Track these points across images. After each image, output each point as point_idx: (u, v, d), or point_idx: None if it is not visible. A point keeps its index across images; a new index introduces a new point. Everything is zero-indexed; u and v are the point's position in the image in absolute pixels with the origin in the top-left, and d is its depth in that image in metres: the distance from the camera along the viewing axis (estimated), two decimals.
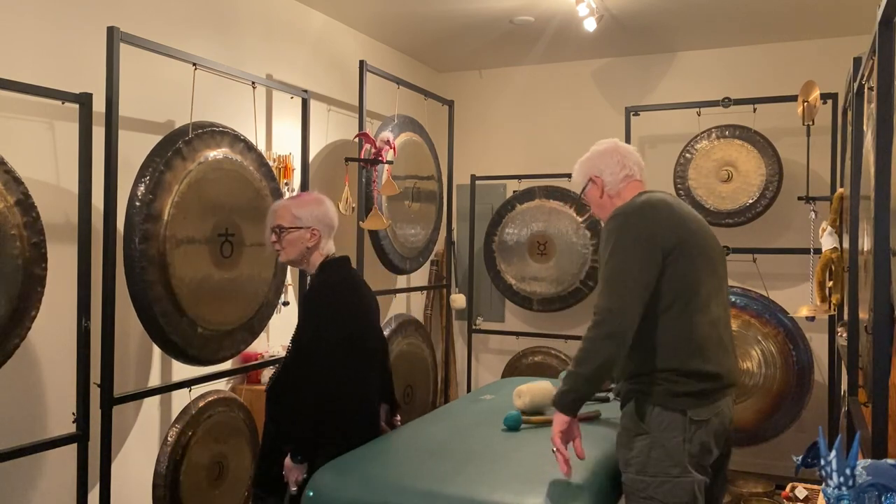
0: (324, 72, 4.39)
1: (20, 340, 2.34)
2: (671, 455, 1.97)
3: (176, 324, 2.81)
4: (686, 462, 1.97)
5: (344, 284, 2.52)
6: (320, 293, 2.48)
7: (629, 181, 2.29)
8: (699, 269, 2.07)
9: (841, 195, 3.38)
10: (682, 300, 2.03)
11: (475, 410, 2.83)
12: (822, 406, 4.36)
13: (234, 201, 3.07)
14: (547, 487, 1.97)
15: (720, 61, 4.95)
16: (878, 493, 1.30)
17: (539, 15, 4.32)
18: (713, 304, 2.08)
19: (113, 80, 2.57)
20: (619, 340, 1.97)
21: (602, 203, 2.31)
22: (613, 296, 1.98)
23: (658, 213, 2.09)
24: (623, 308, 1.97)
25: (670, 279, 2.02)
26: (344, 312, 2.44)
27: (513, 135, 5.58)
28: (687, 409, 1.99)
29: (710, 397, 2.02)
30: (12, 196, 2.29)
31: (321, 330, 2.38)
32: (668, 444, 1.98)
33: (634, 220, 2.07)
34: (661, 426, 2.00)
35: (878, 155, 1.85)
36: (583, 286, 4.93)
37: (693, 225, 2.13)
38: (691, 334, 2.02)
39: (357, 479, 2.10)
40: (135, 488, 3.19)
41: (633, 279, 1.99)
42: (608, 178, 2.29)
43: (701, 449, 1.99)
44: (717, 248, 2.20)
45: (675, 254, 2.03)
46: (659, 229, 2.05)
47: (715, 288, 2.11)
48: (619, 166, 2.29)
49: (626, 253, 2.01)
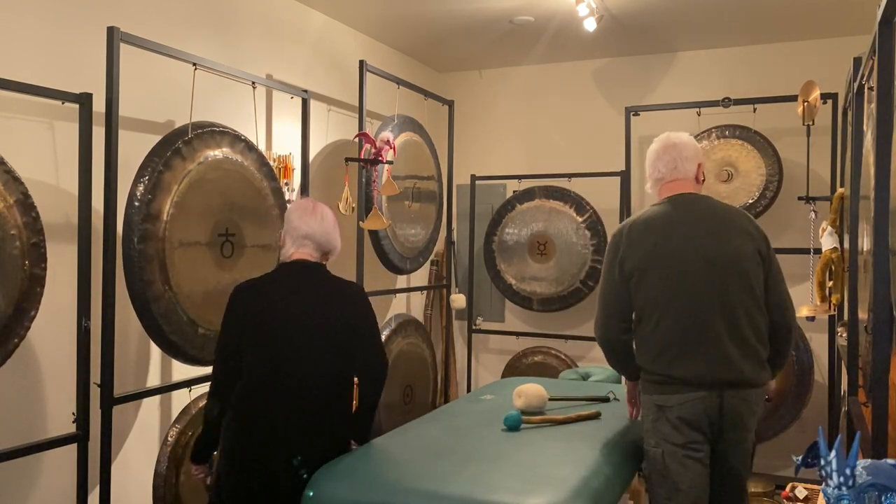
0: (324, 72, 4.39)
1: (20, 340, 2.34)
2: (647, 431, 2.42)
3: (176, 324, 2.81)
4: (656, 437, 2.37)
5: (245, 286, 2.37)
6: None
7: (660, 184, 2.52)
8: (669, 285, 2.34)
9: (841, 195, 3.38)
10: (648, 314, 2.38)
11: (475, 410, 2.83)
12: (822, 406, 4.36)
13: (235, 201, 3.07)
14: (547, 487, 1.97)
15: (720, 61, 4.95)
16: (878, 493, 1.30)
17: (539, 15, 4.32)
18: (689, 314, 2.33)
19: (113, 80, 2.57)
20: (605, 346, 2.49)
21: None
22: (597, 311, 2.49)
23: (630, 239, 2.41)
24: (601, 321, 2.47)
25: (638, 297, 2.39)
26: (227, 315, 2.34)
27: (513, 135, 5.58)
28: (654, 394, 2.38)
29: (674, 389, 2.33)
30: (12, 196, 2.29)
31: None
32: (646, 422, 2.43)
33: (610, 246, 2.47)
34: (644, 409, 2.45)
35: (878, 155, 1.85)
36: (583, 286, 4.93)
37: (676, 240, 2.36)
38: (655, 344, 2.37)
39: (357, 479, 2.10)
40: (135, 488, 3.19)
41: (605, 298, 2.45)
42: (649, 181, 2.57)
43: (671, 428, 2.33)
44: (718, 255, 2.35)
45: (637, 276, 2.38)
46: (625, 255, 2.40)
47: (703, 298, 2.32)
48: (651, 168, 2.53)
49: (604, 275, 2.48)
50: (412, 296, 5.32)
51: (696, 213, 2.42)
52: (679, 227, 2.38)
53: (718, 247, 2.34)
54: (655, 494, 2.38)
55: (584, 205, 4.94)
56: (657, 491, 2.37)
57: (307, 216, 2.39)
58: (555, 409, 2.79)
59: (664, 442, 2.34)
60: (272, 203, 3.29)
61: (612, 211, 4.90)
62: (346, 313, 2.34)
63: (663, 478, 2.34)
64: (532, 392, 2.79)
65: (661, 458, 2.34)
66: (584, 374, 4.20)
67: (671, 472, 2.32)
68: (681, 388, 2.31)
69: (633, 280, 2.37)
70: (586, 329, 5.22)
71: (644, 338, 2.39)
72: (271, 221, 3.29)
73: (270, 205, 3.28)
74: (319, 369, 2.28)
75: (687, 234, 2.37)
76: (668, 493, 2.33)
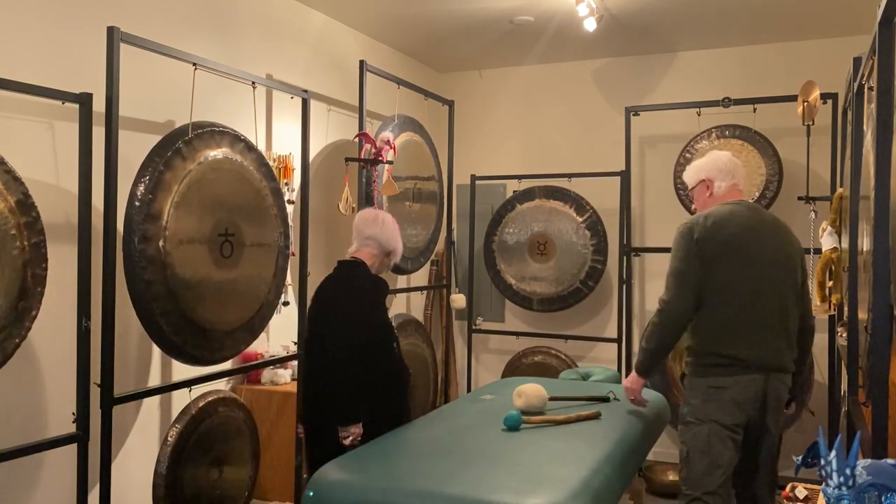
0: (324, 72, 4.39)
1: (20, 340, 2.34)
2: (693, 410, 2.63)
3: (176, 323, 2.81)
4: (703, 416, 2.59)
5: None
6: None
7: (731, 189, 2.82)
8: (736, 275, 2.62)
9: (841, 195, 3.37)
10: (713, 298, 2.62)
11: (475, 410, 2.83)
12: (822, 406, 4.36)
13: (235, 201, 3.07)
14: (547, 487, 1.97)
15: (720, 61, 4.95)
16: (878, 493, 1.30)
17: (539, 15, 4.32)
18: (749, 300, 2.61)
19: (113, 80, 2.57)
20: (672, 320, 2.67)
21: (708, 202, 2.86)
22: (670, 291, 2.68)
23: (707, 229, 2.65)
24: (680, 293, 2.65)
25: (706, 281, 2.63)
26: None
27: (513, 135, 5.58)
28: (707, 377, 2.62)
29: (731, 371, 2.58)
30: (12, 196, 2.29)
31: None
32: (692, 402, 2.64)
33: (683, 234, 2.68)
34: (692, 391, 2.66)
35: (878, 155, 1.85)
36: (583, 286, 4.93)
37: (746, 235, 2.66)
38: (718, 326, 2.62)
39: (357, 479, 2.10)
40: (135, 488, 3.19)
41: (684, 275, 2.64)
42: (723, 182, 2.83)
43: (721, 409, 2.57)
44: (781, 255, 2.71)
45: (710, 262, 2.62)
46: (701, 242, 2.63)
47: (764, 289, 2.64)
48: (727, 174, 2.83)
49: (679, 257, 2.67)
50: (412, 296, 5.32)
51: (760, 217, 2.77)
52: (750, 227, 2.69)
53: (777, 249, 2.71)
54: (693, 470, 2.61)
55: (584, 205, 4.94)
56: (695, 466, 2.60)
57: (370, 222, 2.95)
58: (555, 409, 2.79)
59: (711, 421, 2.58)
60: (271, 203, 3.29)
61: (612, 211, 4.90)
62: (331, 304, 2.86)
63: (704, 454, 2.58)
64: (532, 392, 2.79)
65: (706, 435, 2.58)
66: (584, 374, 4.20)
67: (713, 450, 2.57)
68: (737, 370, 2.59)
69: (705, 266, 2.63)
70: (586, 329, 5.22)
71: (707, 319, 2.64)
72: (270, 221, 3.29)
73: (269, 204, 3.28)
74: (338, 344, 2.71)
75: (756, 234, 2.69)
76: (707, 469, 2.57)
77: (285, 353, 3.71)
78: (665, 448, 4.87)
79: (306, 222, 3.59)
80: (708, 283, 2.63)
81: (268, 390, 3.69)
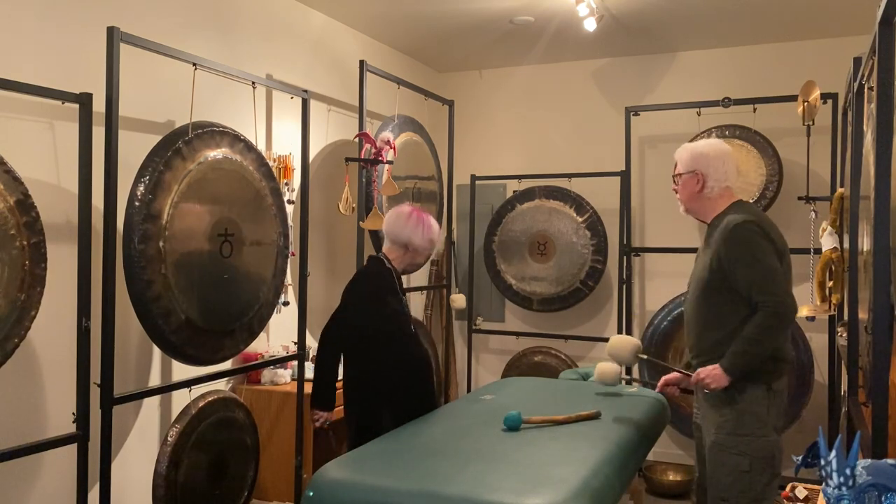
0: (324, 72, 4.39)
1: (20, 340, 2.34)
2: (759, 423, 2.46)
3: (176, 323, 2.81)
4: (767, 426, 2.47)
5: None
6: None
7: (729, 191, 2.65)
8: (789, 275, 2.53)
9: (841, 195, 3.38)
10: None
11: (475, 410, 2.83)
12: (822, 406, 4.36)
13: (234, 201, 3.07)
14: (547, 487, 1.97)
15: (720, 61, 4.95)
16: (878, 493, 1.30)
17: (539, 15, 4.32)
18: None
19: (113, 80, 2.57)
20: (790, 317, 2.44)
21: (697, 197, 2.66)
22: (778, 289, 2.42)
23: (770, 230, 2.52)
24: (788, 293, 2.44)
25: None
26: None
27: (513, 135, 5.58)
28: (769, 381, 2.47)
29: (784, 371, 2.50)
30: (12, 196, 2.29)
31: None
32: (757, 413, 2.45)
33: (757, 235, 2.46)
34: (754, 400, 2.46)
35: (878, 155, 1.85)
36: (583, 286, 4.93)
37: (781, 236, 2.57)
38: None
39: (357, 478, 2.10)
40: (135, 488, 3.19)
41: (781, 275, 2.45)
42: (716, 185, 2.63)
43: (777, 414, 2.49)
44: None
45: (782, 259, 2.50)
46: (775, 242, 2.50)
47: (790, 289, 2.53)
48: (723, 174, 2.62)
49: (767, 258, 2.44)
50: (412, 296, 5.32)
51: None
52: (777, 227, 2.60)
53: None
54: (755, 483, 2.45)
55: (584, 205, 4.94)
56: (758, 479, 2.45)
57: (387, 219, 3.11)
58: (555, 410, 2.79)
59: (773, 431, 2.48)
60: (271, 203, 3.29)
61: (612, 211, 4.90)
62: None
63: (769, 466, 2.47)
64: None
65: (772, 446, 2.47)
66: (584, 374, 4.19)
67: (775, 460, 2.49)
68: (785, 371, 2.51)
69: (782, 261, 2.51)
70: (586, 329, 5.22)
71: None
72: (270, 221, 3.29)
73: (269, 204, 3.28)
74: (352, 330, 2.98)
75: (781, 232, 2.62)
76: (769, 479, 2.47)
77: (285, 353, 3.71)
78: (665, 448, 4.87)
79: (306, 222, 3.60)
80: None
81: (268, 390, 3.69)
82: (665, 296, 4.76)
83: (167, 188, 2.76)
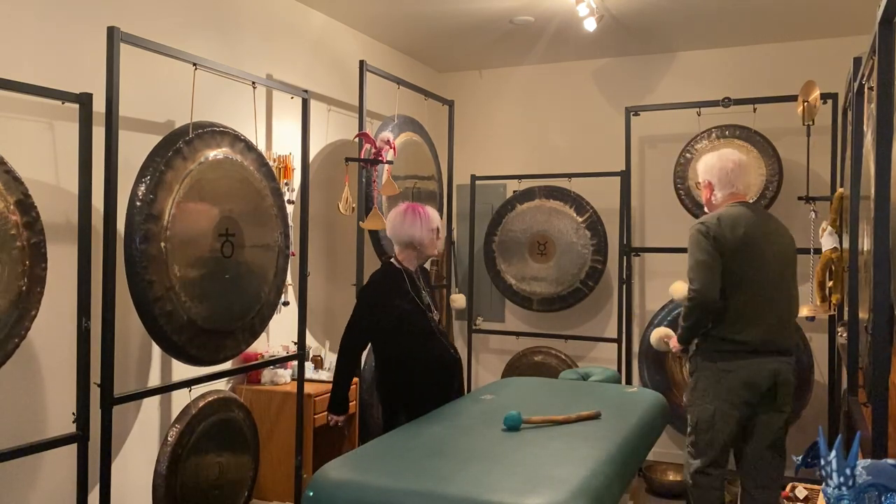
0: (324, 72, 4.39)
1: (20, 340, 2.34)
2: (703, 393, 2.99)
3: (176, 323, 2.81)
4: (711, 397, 2.97)
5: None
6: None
7: (730, 195, 3.10)
8: (748, 267, 2.93)
9: (841, 195, 3.37)
10: (728, 289, 2.92)
11: (475, 410, 2.83)
12: (822, 406, 4.36)
13: (234, 201, 3.07)
14: (547, 487, 1.97)
15: (720, 61, 4.95)
16: (878, 493, 1.30)
17: (539, 15, 4.32)
18: (756, 291, 2.94)
19: (113, 80, 2.57)
20: (702, 307, 2.92)
21: (709, 203, 3.19)
22: (697, 281, 2.91)
23: (723, 226, 2.95)
24: (706, 284, 2.90)
25: (724, 274, 2.92)
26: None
27: (513, 135, 5.58)
28: (718, 361, 2.97)
29: (741, 356, 2.93)
30: (12, 196, 2.29)
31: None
32: (703, 384, 2.99)
33: (700, 233, 2.96)
34: (704, 373, 3.01)
35: (878, 155, 1.85)
36: (583, 286, 4.93)
37: (753, 233, 2.96)
38: (732, 313, 2.93)
39: (357, 478, 2.10)
40: (135, 488, 3.19)
41: (708, 267, 2.91)
42: (720, 192, 3.12)
43: (729, 391, 2.94)
44: (781, 250, 3.03)
45: (728, 256, 2.92)
46: (719, 239, 2.93)
47: (768, 281, 2.97)
48: (725, 182, 3.09)
49: (700, 251, 2.94)
50: None
51: (763, 216, 3.09)
52: (756, 225, 2.99)
53: (780, 243, 3.04)
54: (698, 440, 3.02)
55: (584, 205, 4.94)
56: (700, 437, 3.01)
57: (388, 221, 3.16)
58: (555, 410, 2.79)
59: (718, 401, 2.95)
60: (271, 203, 3.29)
61: (612, 211, 4.90)
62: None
63: (706, 432, 2.99)
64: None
65: (711, 415, 2.97)
66: (584, 374, 4.19)
67: (716, 428, 2.96)
68: (745, 354, 2.92)
69: (723, 259, 2.92)
70: (586, 329, 5.22)
71: (722, 308, 2.93)
72: (270, 221, 3.29)
73: (269, 204, 3.28)
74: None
75: (763, 231, 3.00)
76: (709, 441, 2.99)
77: (285, 353, 3.71)
78: (665, 448, 4.87)
79: (306, 222, 3.60)
80: (724, 275, 2.92)
81: (268, 390, 3.69)
82: (665, 296, 4.75)
83: (168, 188, 2.76)
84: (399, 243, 3.14)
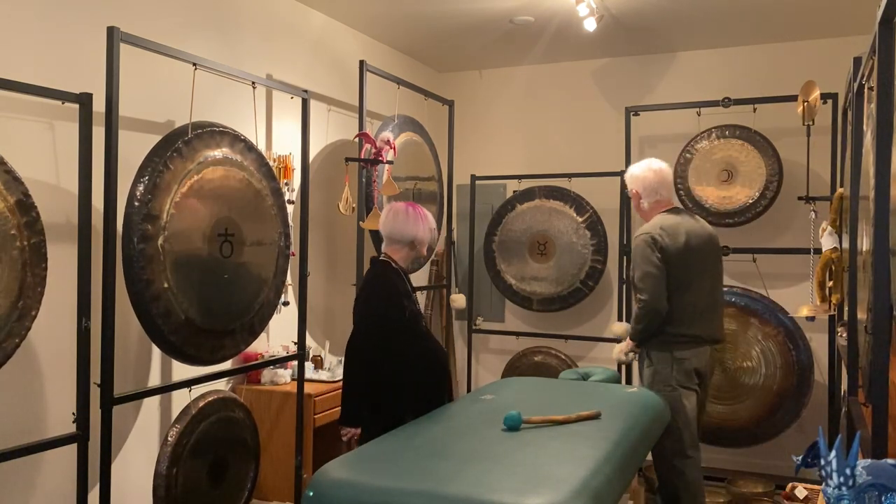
0: (324, 72, 4.39)
1: (20, 340, 2.34)
2: (664, 379, 3.27)
3: (175, 323, 2.80)
4: (673, 383, 3.26)
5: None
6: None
7: (659, 203, 3.42)
8: (693, 269, 3.28)
9: (841, 195, 3.37)
10: (679, 290, 3.25)
11: (475, 410, 2.83)
12: (822, 406, 4.36)
13: (234, 201, 3.07)
14: (547, 487, 1.97)
15: (720, 61, 4.95)
16: (878, 493, 1.30)
17: (539, 15, 4.32)
18: (699, 290, 3.29)
19: (113, 80, 2.57)
20: (654, 314, 3.23)
21: (639, 210, 3.51)
22: (646, 292, 3.22)
23: (666, 235, 3.24)
24: (656, 295, 3.21)
25: (671, 278, 3.23)
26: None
27: (513, 135, 5.58)
28: (674, 350, 3.26)
29: (692, 345, 3.27)
30: (12, 196, 2.29)
31: None
32: (663, 373, 3.28)
33: (645, 244, 3.25)
34: (661, 363, 3.29)
35: (878, 155, 1.85)
36: (583, 286, 4.93)
37: (692, 239, 3.28)
38: (683, 311, 3.26)
39: (357, 478, 2.10)
40: (135, 488, 3.19)
41: (655, 279, 3.22)
42: (646, 201, 3.44)
43: (685, 375, 3.26)
44: (712, 249, 3.38)
45: (674, 262, 3.24)
46: (664, 248, 3.23)
47: (706, 279, 3.33)
48: (651, 192, 3.40)
49: (646, 264, 3.24)
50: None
51: (695, 220, 3.41)
52: (693, 231, 3.31)
53: (711, 244, 3.38)
54: (674, 420, 3.21)
55: (583, 205, 4.94)
56: (675, 417, 3.21)
57: (383, 219, 3.10)
58: (555, 409, 2.79)
59: (679, 386, 3.25)
60: (271, 203, 3.29)
61: (612, 211, 4.90)
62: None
63: (678, 412, 3.22)
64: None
65: (679, 398, 3.24)
66: (584, 374, 4.19)
67: (684, 406, 3.25)
68: (695, 345, 3.26)
69: (670, 266, 3.22)
70: (586, 329, 5.22)
71: (675, 307, 3.24)
72: (270, 221, 3.29)
73: (269, 205, 3.28)
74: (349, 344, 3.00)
75: (698, 234, 3.32)
76: (684, 420, 3.24)
77: (285, 353, 3.71)
78: None
79: (306, 222, 3.60)
80: (671, 280, 3.23)
81: (268, 390, 3.69)
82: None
83: (167, 188, 2.76)
84: (398, 242, 3.05)
